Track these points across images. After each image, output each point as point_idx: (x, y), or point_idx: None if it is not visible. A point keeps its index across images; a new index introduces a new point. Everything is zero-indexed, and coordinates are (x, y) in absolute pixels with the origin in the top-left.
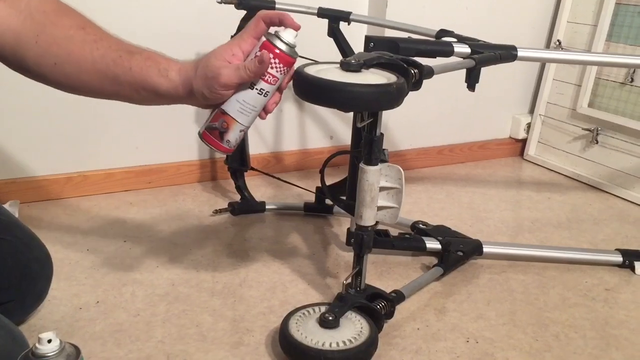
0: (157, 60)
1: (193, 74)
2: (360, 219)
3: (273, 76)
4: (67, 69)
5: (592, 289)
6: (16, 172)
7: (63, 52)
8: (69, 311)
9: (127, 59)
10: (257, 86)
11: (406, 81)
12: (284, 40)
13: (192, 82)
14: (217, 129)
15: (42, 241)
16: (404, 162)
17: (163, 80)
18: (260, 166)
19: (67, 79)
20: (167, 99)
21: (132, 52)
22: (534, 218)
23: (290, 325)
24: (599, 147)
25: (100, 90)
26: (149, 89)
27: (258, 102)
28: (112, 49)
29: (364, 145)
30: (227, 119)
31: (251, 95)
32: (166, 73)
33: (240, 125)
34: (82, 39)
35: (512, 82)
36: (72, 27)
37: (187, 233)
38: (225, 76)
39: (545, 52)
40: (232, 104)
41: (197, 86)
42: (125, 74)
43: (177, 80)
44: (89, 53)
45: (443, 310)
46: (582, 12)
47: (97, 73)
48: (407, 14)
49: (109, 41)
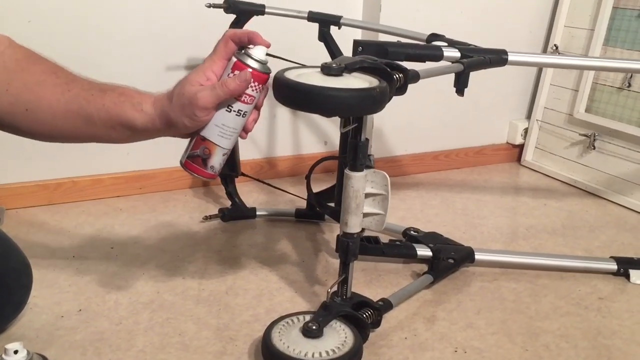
0: (130, 95)
1: (168, 104)
2: (345, 226)
3: (249, 95)
4: (40, 114)
5: (585, 298)
6: (4, 177)
7: (35, 97)
8: (50, 319)
9: (100, 97)
10: (235, 107)
11: (390, 85)
12: (256, 58)
13: (169, 113)
14: (200, 157)
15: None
16: (398, 168)
17: (138, 114)
18: (253, 172)
19: (40, 126)
20: (145, 133)
21: (104, 89)
22: (529, 225)
23: (272, 334)
24: (596, 153)
25: (75, 133)
26: (124, 124)
27: (237, 124)
28: (84, 88)
29: (349, 150)
30: (209, 144)
31: (229, 117)
32: (140, 107)
33: (223, 149)
34: (53, 82)
35: (509, 87)
36: (43, 72)
37: (175, 240)
38: (203, 99)
39: (536, 57)
40: (212, 129)
41: (175, 116)
42: (99, 111)
43: (153, 113)
44: (61, 95)
45: (432, 319)
46: (579, 16)
47: (70, 115)
48: (401, 18)
49: (80, 82)
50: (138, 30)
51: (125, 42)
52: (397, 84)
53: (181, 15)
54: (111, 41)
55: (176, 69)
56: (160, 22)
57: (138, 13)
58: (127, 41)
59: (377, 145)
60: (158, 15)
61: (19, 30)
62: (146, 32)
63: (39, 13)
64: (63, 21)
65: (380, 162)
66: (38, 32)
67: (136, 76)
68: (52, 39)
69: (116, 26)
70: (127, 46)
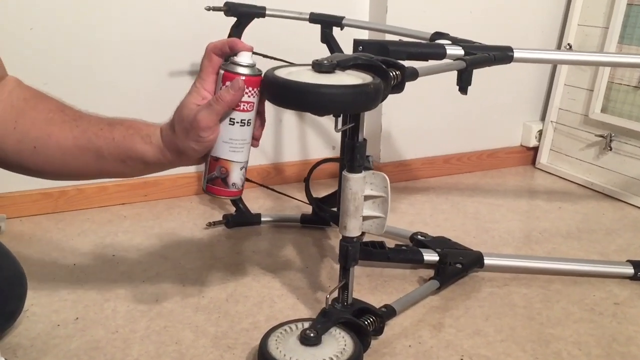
0: (138, 127)
1: (172, 133)
2: (344, 230)
3: (247, 102)
4: (49, 152)
5: (599, 303)
6: (8, 186)
7: (43, 134)
8: (46, 328)
9: (109, 130)
10: (237, 119)
11: (385, 83)
12: (243, 64)
13: (175, 142)
14: (218, 177)
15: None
16: (408, 172)
17: (148, 147)
18: (259, 178)
19: (49, 164)
20: (157, 166)
21: (112, 124)
22: (542, 228)
23: (269, 342)
24: (612, 154)
25: (85, 170)
26: (134, 157)
27: (245, 134)
28: (92, 123)
29: (346, 151)
30: (223, 163)
31: (235, 130)
32: (149, 139)
33: (239, 163)
34: (61, 119)
35: (523, 88)
36: (50, 110)
37: (178, 246)
38: (203, 119)
39: (543, 53)
40: (221, 147)
41: (182, 144)
42: (108, 145)
43: (162, 144)
44: (69, 131)
45: (438, 326)
46: (592, 15)
47: (79, 150)
48: (408, 19)
49: (88, 118)
50: (139, 34)
51: (127, 46)
52: (394, 82)
53: (182, 19)
54: (112, 46)
55: (178, 74)
56: (161, 26)
57: (139, 18)
58: (129, 46)
59: (386, 149)
60: (159, 19)
61: (22, 38)
62: (147, 36)
63: (40, 20)
64: (65, 28)
65: (389, 166)
66: (40, 39)
67: (137, 80)
68: (54, 46)
69: (117, 31)
70: (128, 50)
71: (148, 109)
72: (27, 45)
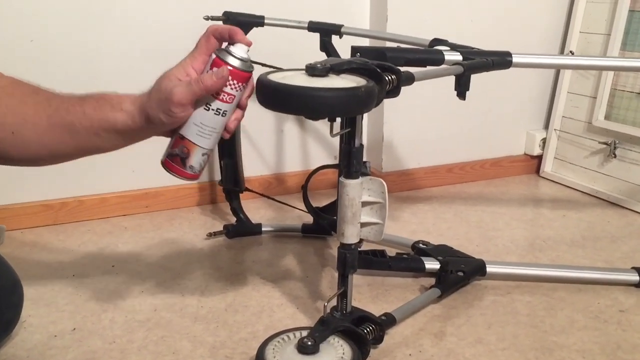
0: (109, 97)
1: (147, 99)
2: (342, 237)
3: (228, 94)
4: (26, 134)
5: (604, 311)
6: (9, 198)
7: (19, 118)
8: (43, 339)
9: (80, 104)
10: (213, 106)
11: (380, 87)
12: (236, 56)
13: (147, 108)
14: (178, 156)
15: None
16: (411, 182)
17: (118, 114)
18: (261, 188)
19: (27, 147)
20: (128, 133)
21: (83, 98)
22: (546, 236)
23: (266, 351)
24: (617, 161)
25: (62, 148)
26: (107, 127)
27: (217, 123)
28: (64, 100)
29: (342, 157)
30: (187, 144)
31: (208, 116)
32: (120, 106)
33: (202, 149)
34: (34, 100)
35: (526, 97)
36: (24, 93)
37: (178, 257)
38: (178, 94)
39: (543, 58)
40: (190, 127)
41: (152, 112)
42: (80, 119)
43: (133, 109)
44: (43, 111)
45: (439, 334)
46: (594, 22)
47: (53, 128)
48: (409, 28)
49: (61, 97)
50: (139, 45)
51: (127, 57)
52: (389, 86)
53: (181, 29)
54: (112, 57)
55: None
56: (160, 37)
57: (138, 29)
58: (129, 56)
59: (388, 158)
60: (158, 29)
61: (22, 49)
62: (146, 46)
63: (41, 32)
64: (65, 40)
65: (392, 176)
66: (41, 51)
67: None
68: (54, 58)
69: (117, 42)
70: (128, 61)
71: None
72: (27, 57)
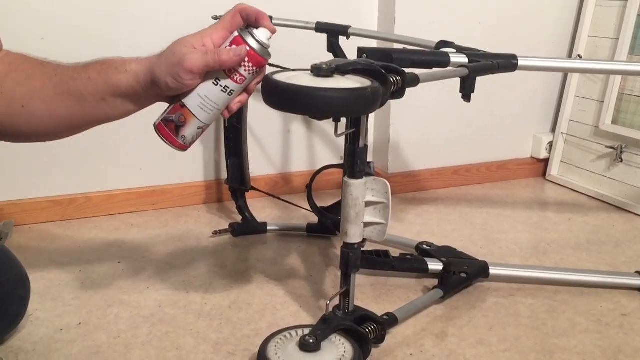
0: (113, 61)
1: (157, 60)
2: (345, 236)
3: (241, 75)
4: (36, 106)
5: (606, 314)
6: (18, 193)
7: (27, 91)
8: (49, 332)
9: (84, 71)
10: (222, 83)
11: (385, 88)
12: (257, 39)
13: (154, 69)
14: (174, 122)
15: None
16: (417, 183)
17: (122, 75)
18: (267, 188)
19: (38, 120)
20: (134, 97)
21: (88, 64)
22: (551, 240)
23: (268, 348)
24: (623, 166)
25: (70, 119)
26: (112, 91)
27: (221, 100)
28: (69, 69)
29: (347, 157)
30: (185, 112)
31: (214, 91)
32: (124, 68)
33: (199, 121)
34: (41, 72)
35: (533, 100)
36: (31, 66)
37: (184, 254)
38: (191, 61)
39: (548, 61)
40: (193, 97)
41: (160, 73)
42: (86, 85)
43: (138, 69)
44: (49, 81)
45: (441, 335)
46: (603, 26)
47: (61, 98)
48: (416, 30)
49: (66, 66)
50: (147, 46)
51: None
52: (394, 87)
53: (191, 27)
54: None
55: None
56: (170, 34)
57: (147, 29)
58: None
59: (394, 160)
60: (168, 26)
61: (33, 47)
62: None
63: (51, 30)
64: (75, 38)
65: (398, 177)
66: (51, 49)
67: None
68: (65, 55)
69: (126, 42)
70: None
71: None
72: (37, 55)
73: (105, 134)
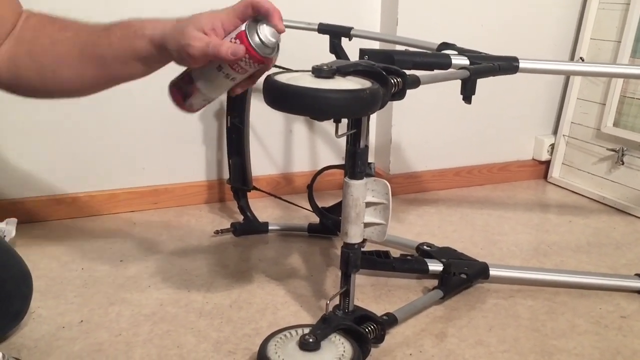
0: (132, 25)
1: (170, 30)
2: (345, 236)
3: (241, 67)
4: (64, 71)
5: (605, 316)
6: (22, 192)
7: (55, 58)
8: (51, 330)
9: (106, 36)
10: (225, 70)
11: (385, 89)
12: (262, 38)
13: (167, 38)
14: (183, 90)
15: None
16: (418, 185)
17: (140, 40)
18: (269, 187)
19: (67, 82)
20: (151, 59)
21: (109, 28)
22: (551, 242)
23: (268, 347)
24: (625, 168)
25: (96, 79)
26: (133, 56)
27: (223, 84)
28: (91, 33)
29: (348, 158)
30: (193, 87)
31: (217, 76)
32: (142, 32)
33: (204, 95)
34: (64, 37)
35: (535, 102)
36: (54, 31)
37: (185, 253)
38: (193, 49)
39: (549, 63)
40: (200, 75)
41: (170, 45)
42: (108, 51)
43: (153, 34)
44: (74, 47)
45: (440, 335)
46: (605, 28)
47: (86, 63)
48: (418, 32)
49: (86, 29)
50: None
51: None
52: (395, 89)
53: None
54: None
55: None
56: None
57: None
58: None
59: (396, 161)
60: None
61: None
62: None
63: None
64: None
65: (399, 178)
66: None
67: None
68: None
69: None
70: None
71: (164, 132)
72: None
73: (108, 133)
